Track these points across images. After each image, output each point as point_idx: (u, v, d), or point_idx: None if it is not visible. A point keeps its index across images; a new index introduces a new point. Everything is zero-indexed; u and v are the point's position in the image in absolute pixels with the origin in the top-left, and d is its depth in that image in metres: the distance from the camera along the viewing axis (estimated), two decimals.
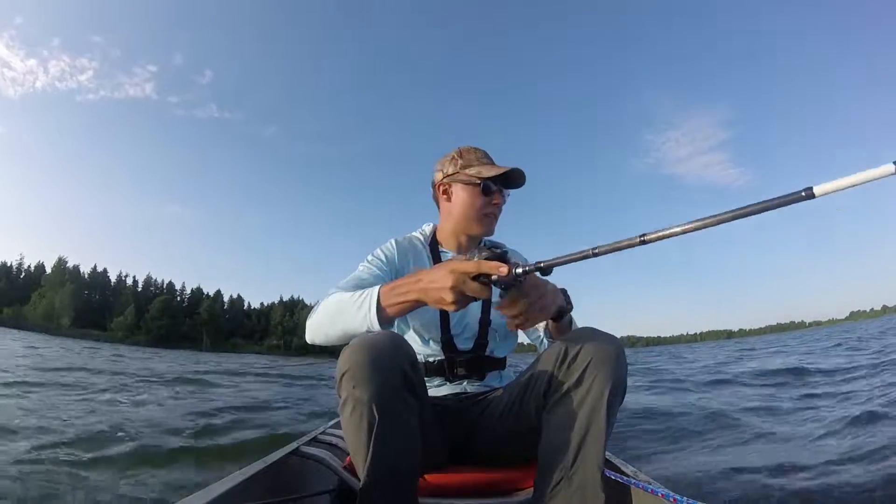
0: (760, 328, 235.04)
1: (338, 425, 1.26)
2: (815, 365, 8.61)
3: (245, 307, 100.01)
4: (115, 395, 5.85)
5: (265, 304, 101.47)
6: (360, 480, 0.96)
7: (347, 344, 1.01)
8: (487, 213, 1.41)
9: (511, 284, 0.92)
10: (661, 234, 0.72)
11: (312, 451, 1.43)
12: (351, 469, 1.19)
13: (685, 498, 1.02)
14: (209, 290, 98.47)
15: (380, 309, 1.04)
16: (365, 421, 0.93)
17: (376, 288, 1.06)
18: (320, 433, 1.77)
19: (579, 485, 1.01)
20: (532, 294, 0.99)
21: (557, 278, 1.02)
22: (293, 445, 1.49)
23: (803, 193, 0.60)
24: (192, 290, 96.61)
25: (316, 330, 1.17)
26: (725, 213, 0.68)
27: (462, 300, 0.93)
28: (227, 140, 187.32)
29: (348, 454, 1.08)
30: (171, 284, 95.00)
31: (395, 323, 1.41)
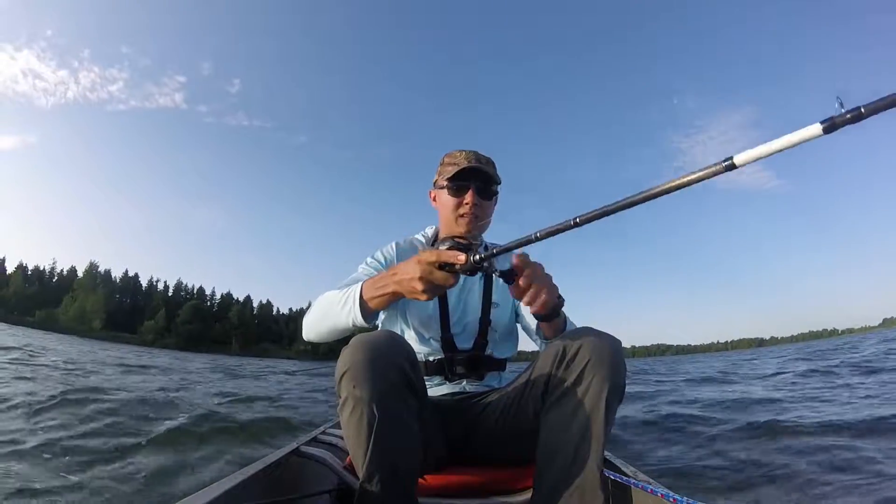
0: (792, 336, 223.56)
1: (338, 425, 1.23)
2: None
3: (274, 312, 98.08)
4: None
5: (294, 309, 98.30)
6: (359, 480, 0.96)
7: (346, 344, 1.02)
8: (462, 214, 1.38)
9: (474, 271, 0.95)
10: (593, 213, 0.75)
11: (312, 451, 1.43)
12: (351, 469, 1.19)
13: (685, 498, 1.02)
14: (239, 295, 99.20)
15: (363, 303, 1.08)
16: (365, 420, 0.94)
17: (359, 283, 1.10)
18: (320, 433, 1.76)
19: (578, 485, 1.01)
20: (541, 276, 1.04)
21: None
22: (293, 445, 1.48)
23: (724, 165, 0.60)
24: (221, 295, 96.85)
25: (308, 328, 1.22)
26: (652, 189, 0.69)
27: (431, 289, 0.97)
28: (256, 147, 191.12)
29: (349, 454, 1.07)
30: (201, 289, 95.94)
31: (398, 321, 1.42)
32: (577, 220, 0.75)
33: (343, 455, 1.33)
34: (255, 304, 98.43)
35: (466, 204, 1.36)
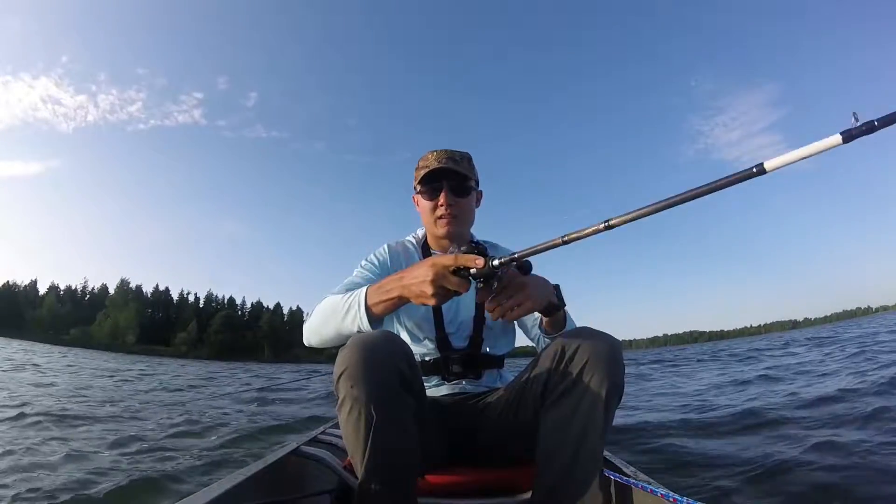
0: (826, 316, 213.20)
1: (338, 425, 1.17)
2: None
3: (304, 318, 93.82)
4: None
5: None
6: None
7: (344, 344, 1.02)
8: (440, 216, 1.37)
9: (490, 277, 0.93)
10: (624, 217, 0.74)
11: (312, 451, 1.41)
12: (351, 469, 1.16)
13: (685, 498, 0.99)
14: (269, 303, 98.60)
15: (368, 308, 1.06)
16: (363, 420, 0.93)
17: (364, 288, 1.09)
18: (320, 433, 1.75)
19: (578, 484, 1.00)
20: (510, 287, 1.00)
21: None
22: (293, 445, 1.46)
23: (754, 170, 0.64)
24: (252, 304, 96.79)
25: (311, 333, 1.21)
26: (683, 194, 0.70)
27: (442, 293, 0.94)
28: (276, 157, 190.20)
29: (348, 454, 1.08)
30: (231, 299, 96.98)
31: (392, 322, 1.42)
32: (608, 223, 0.73)
33: (343, 455, 1.31)
34: (286, 311, 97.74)
35: (441, 205, 1.35)
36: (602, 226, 0.73)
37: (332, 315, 1.13)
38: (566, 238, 0.79)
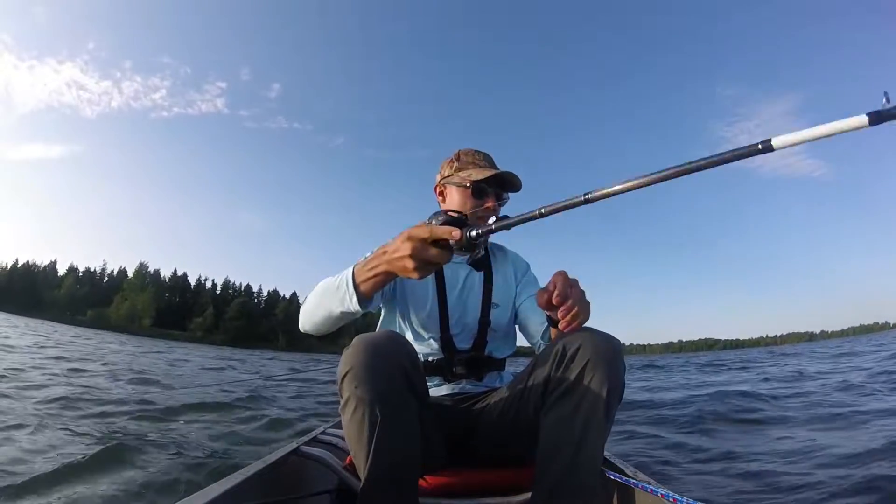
0: (843, 330, 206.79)
1: (338, 425, 1.22)
2: None
3: None
4: None
5: None
6: (360, 481, 0.96)
7: (349, 344, 1.01)
8: (480, 217, 1.33)
9: (469, 248, 0.90)
10: (604, 192, 0.71)
11: (312, 451, 1.40)
12: (351, 469, 1.17)
13: (685, 498, 0.97)
14: (285, 292, 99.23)
15: (356, 286, 1.02)
16: (367, 421, 0.93)
17: (351, 267, 1.05)
18: (320, 433, 1.71)
19: (578, 485, 0.99)
20: (580, 302, 0.99)
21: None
22: (293, 445, 1.45)
23: (760, 147, 0.57)
24: (268, 292, 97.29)
25: (305, 317, 1.18)
26: (672, 168, 0.65)
27: (424, 267, 0.90)
28: (297, 149, 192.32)
29: (349, 454, 1.07)
30: (248, 287, 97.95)
31: (397, 321, 1.40)
32: (586, 197, 0.71)
33: (343, 455, 1.31)
34: (301, 301, 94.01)
35: (487, 207, 1.33)
36: (581, 198, 0.71)
37: (323, 297, 1.09)
38: (543, 210, 0.77)
